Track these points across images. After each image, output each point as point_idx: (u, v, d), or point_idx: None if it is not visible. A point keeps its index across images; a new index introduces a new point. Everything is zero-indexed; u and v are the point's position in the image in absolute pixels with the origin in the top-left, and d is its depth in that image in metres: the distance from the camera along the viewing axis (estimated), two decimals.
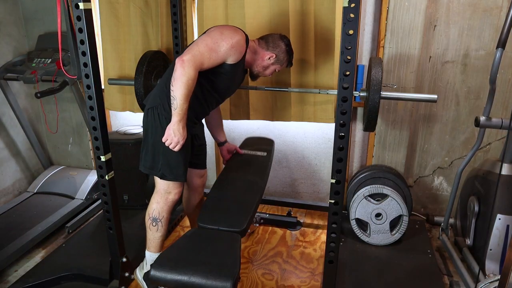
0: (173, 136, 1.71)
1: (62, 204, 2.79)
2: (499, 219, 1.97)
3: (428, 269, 2.14)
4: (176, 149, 1.74)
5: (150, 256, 2.00)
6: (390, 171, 2.43)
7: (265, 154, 2.31)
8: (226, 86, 1.92)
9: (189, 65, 1.65)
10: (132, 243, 2.30)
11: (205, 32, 1.84)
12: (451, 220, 2.47)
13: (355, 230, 2.36)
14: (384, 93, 1.82)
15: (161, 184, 1.90)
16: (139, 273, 2.07)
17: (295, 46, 2.35)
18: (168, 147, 1.75)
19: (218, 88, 1.89)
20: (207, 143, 2.93)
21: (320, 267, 2.24)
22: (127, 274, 2.09)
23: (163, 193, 1.92)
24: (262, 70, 1.98)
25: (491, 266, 2.01)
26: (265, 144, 2.47)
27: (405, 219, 2.28)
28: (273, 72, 2.02)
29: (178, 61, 1.66)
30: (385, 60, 2.41)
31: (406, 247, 2.32)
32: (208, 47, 1.71)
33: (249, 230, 2.53)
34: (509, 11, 1.78)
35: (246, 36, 1.85)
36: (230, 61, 1.79)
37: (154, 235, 1.97)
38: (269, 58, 1.94)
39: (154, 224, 1.95)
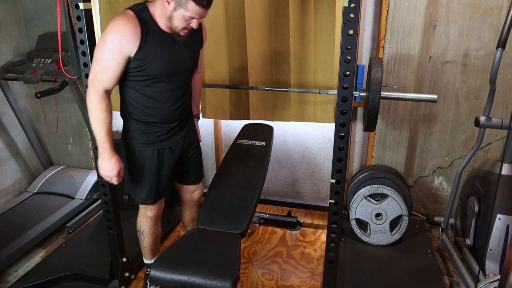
0: (102, 171, 1.60)
1: (62, 204, 2.79)
2: (499, 219, 1.97)
3: (428, 269, 2.14)
4: (114, 182, 1.63)
5: (145, 261, 2.05)
6: (390, 171, 2.43)
7: (263, 144, 2.26)
8: (163, 67, 1.59)
9: (90, 93, 1.54)
10: (132, 243, 2.30)
11: None
12: (451, 220, 2.47)
13: (355, 230, 2.36)
14: (384, 93, 1.82)
15: None
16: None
17: (295, 46, 2.35)
18: (129, 171, 1.73)
19: (157, 77, 1.60)
20: (207, 144, 2.95)
21: (320, 267, 2.24)
22: (127, 274, 2.09)
23: (141, 209, 1.89)
24: (170, 23, 1.54)
25: (491, 266, 2.01)
26: (264, 131, 2.41)
27: (405, 219, 2.28)
28: (185, 22, 1.52)
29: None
30: (385, 60, 2.41)
31: (406, 247, 2.32)
32: (97, 62, 1.52)
33: (249, 230, 2.52)
34: (509, 11, 1.78)
35: (136, 11, 1.52)
36: (131, 51, 1.51)
37: (141, 244, 2.00)
38: (168, 3, 1.49)
39: (138, 235, 1.96)
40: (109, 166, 1.59)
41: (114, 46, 1.48)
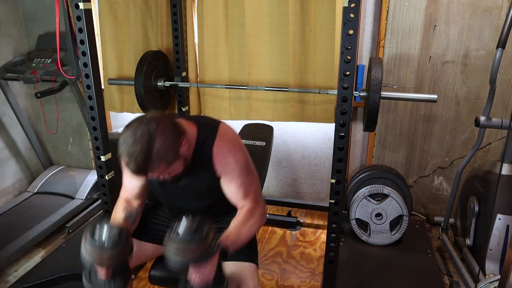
0: None
1: (62, 204, 2.78)
2: (499, 219, 1.97)
3: (428, 269, 2.14)
4: None
5: None
6: (390, 171, 2.43)
7: (263, 144, 2.27)
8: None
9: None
10: None
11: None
12: (451, 220, 2.47)
13: (355, 230, 2.36)
14: (384, 93, 1.81)
15: None
16: None
17: (295, 46, 2.35)
18: None
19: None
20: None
21: (320, 267, 2.24)
22: None
23: None
24: None
25: (491, 266, 2.01)
26: (264, 132, 2.42)
27: (405, 219, 2.28)
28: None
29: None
30: (385, 60, 2.41)
31: (406, 247, 2.32)
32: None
33: None
34: (509, 11, 1.78)
35: None
36: None
37: None
38: None
39: None
40: None
41: None
